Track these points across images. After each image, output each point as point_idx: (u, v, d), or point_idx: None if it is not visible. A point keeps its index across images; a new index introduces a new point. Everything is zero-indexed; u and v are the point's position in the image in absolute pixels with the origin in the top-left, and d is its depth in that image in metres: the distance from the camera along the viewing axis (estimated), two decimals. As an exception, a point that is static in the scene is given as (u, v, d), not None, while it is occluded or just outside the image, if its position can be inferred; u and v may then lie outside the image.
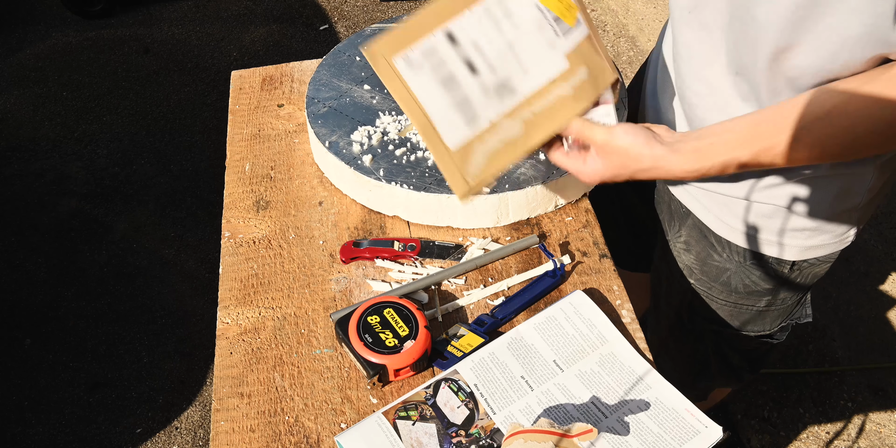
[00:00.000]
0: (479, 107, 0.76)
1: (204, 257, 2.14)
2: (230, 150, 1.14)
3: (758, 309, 1.07)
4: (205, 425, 1.82)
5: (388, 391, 0.86)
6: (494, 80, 0.76)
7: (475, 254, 0.97)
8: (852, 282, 2.04)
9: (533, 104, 0.77)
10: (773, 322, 1.11)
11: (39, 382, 1.89)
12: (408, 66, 0.74)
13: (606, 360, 0.86)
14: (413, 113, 0.75)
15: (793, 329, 1.17)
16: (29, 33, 2.90)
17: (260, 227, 1.03)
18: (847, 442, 1.75)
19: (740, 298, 1.06)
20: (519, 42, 0.76)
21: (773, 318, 1.10)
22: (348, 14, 2.97)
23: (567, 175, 0.98)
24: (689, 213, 1.03)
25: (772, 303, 1.06)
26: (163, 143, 2.47)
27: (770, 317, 1.09)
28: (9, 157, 2.43)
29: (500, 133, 0.77)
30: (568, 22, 0.77)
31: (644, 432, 0.80)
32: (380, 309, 0.87)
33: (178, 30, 2.88)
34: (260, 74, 1.26)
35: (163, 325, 2.00)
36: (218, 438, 0.83)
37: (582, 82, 0.78)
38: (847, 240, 0.96)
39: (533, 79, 0.77)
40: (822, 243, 0.95)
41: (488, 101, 0.76)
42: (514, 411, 0.82)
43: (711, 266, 1.04)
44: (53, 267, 2.13)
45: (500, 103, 0.76)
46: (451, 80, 0.75)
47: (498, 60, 0.76)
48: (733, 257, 1.00)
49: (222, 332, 0.92)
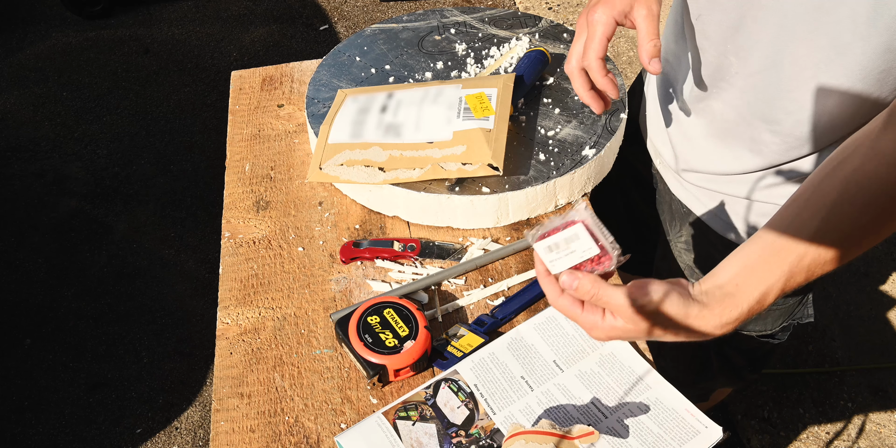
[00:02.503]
0: (366, 130, 1.02)
1: (204, 257, 2.14)
2: (230, 150, 1.14)
3: None
4: (205, 425, 1.82)
5: (388, 391, 0.86)
6: (391, 121, 1.02)
7: (475, 254, 0.97)
8: (852, 282, 2.04)
9: (404, 148, 0.99)
10: (775, 322, 1.11)
11: (39, 382, 1.89)
12: (353, 99, 1.08)
13: (606, 360, 0.86)
14: (329, 116, 1.06)
15: (793, 329, 1.17)
16: (29, 33, 2.90)
17: (260, 227, 1.03)
18: (847, 442, 1.75)
19: None
20: (428, 111, 1.02)
21: (774, 318, 1.10)
22: (348, 14, 2.97)
23: (567, 175, 0.98)
24: (689, 213, 1.03)
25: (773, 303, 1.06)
26: (163, 143, 2.47)
27: (771, 316, 1.09)
28: (9, 157, 2.43)
29: (368, 152, 0.99)
30: (475, 114, 1.00)
31: (644, 432, 0.80)
32: (380, 309, 0.87)
33: (178, 30, 2.88)
34: (260, 75, 1.26)
35: (163, 325, 2.00)
36: (218, 438, 0.83)
37: (453, 154, 0.97)
38: None
39: (417, 134, 1.00)
40: None
41: (376, 131, 1.02)
42: (514, 411, 0.82)
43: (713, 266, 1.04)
44: (53, 267, 2.13)
45: (383, 136, 1.01)
46: (365, 110, 1.05)
47: (404, 113, 1.03)
48: None
49: (222, 333, 0.92)
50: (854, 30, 0.70)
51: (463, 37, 1.20)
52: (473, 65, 1.15)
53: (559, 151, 1.01)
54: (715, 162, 0.95)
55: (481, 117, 1.00)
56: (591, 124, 1.05)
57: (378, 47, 1.19)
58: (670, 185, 1.06)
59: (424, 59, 1.17)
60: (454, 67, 1.15)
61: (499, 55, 1.16)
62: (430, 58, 1.17)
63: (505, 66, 1.14)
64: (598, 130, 1.04)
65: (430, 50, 1.18)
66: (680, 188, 1.03)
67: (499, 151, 0.96)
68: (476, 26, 1.22)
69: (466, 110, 1.01)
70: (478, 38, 1.20)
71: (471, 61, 1.15)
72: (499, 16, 1.24)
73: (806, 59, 0.75)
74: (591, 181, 1.04)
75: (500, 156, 0.96)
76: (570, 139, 1.03)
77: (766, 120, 0.85)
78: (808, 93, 0.78)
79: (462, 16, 1.24)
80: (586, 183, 1.03)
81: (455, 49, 1.18)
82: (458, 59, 1.16)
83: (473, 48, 1.18)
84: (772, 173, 0.89)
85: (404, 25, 1.23)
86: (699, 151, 0.97)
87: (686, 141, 0.98)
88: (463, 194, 0.96)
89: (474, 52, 1.18)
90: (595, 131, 1.03)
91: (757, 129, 0.87)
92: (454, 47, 1.18)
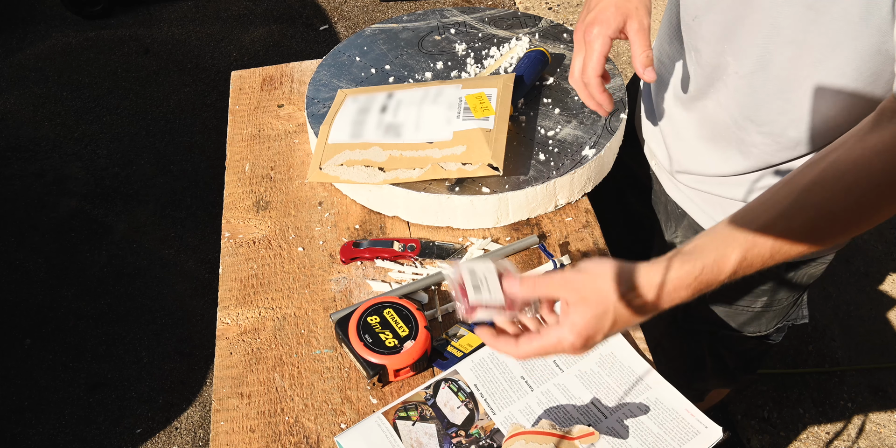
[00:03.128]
0: (366, 130, 1.02)
1: (204, 257, 2.14)
2: (230, 150, 1.14)
3: (754, 310, 1.07)
4: (205, 425, 1.82)
5: (388, 391, 0.86)
6: (391, 121, 1.02)
7: (475, 254, 0.97)
8: (852, 282, 2.04)
9: (404, 148, 0.99)
10: (770, 323, 1.11)
11: (39, 382, 1.89)
12: (352, 99, 1.08)
13: (606, 360, 0.86)
14: (329, 116, 1.06)
15: (792, 329, 1.17)
16: (29, 33, 2.90)
17: (260, 227, 1.03)
18: (847, 442, 1.75)
19: (736, 299, 1.05)
20: (428, 111, 1.02)
21: (769, 319, 1.10)
22: (348, 14, 2.97)
23: (567, 175, 0.98)
24: (684, 215, 1.03)
25: (768, 304, 1.06)
26: (163, 143, 2.47)
27: (766, 318, 1.09)
28: (9, 157, 2.43)
29: (368, 152, 0.99)
30: (475, 114, 1.00)
31: (644, 433, 0.80)
32: (380, 309, 0.87)
33: (178, 30, 2.88)
34: (260, 75, 1.26)
35: (163, 325, 2.00)
36: (218, 438, 0.83)
37: (453, 154, 0.97)
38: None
39: (417, 134, 1.00)
40: None
41: (376, 131, 1.02)
42: (514, 412, 0.82)
43: None
44: (53, 267, 2.13)
45: (383, 136, 1.01)
46: (365, 110, 1.05)
47: (404, 113, 1.03)
48: None
49: (222, 333, 0.92)
50: (846, 29, 0.70)
51: (463, 37, 1.20)
52: (473, 65, 1.15)
53: (559, 151, 1.01)
54: (706, 163, 0.95)
55: (481, 117, 1.00)
56: (591, 124, 1.05)
57: (378, 47, 1.19)
58: (665, 186, 1.06)
59: (424, 59, 1.17)
60: (454, 67, 1.15)
61: (499, 55, 1.16)
62: (430, 58, 1.17)
63: (505, 66, 1.14)
64: (598, 130, 1.04)
65: (430, 50, 1.18)
66: (675, 189, 1.03)
67: (499, 151, 0.96)
68: (476, 26, 1.22)
69: (466, 110, 1.01)
70: (478, 38, 1.20)
71: (471, 61, 1.15)
72: (499, 16, 1.24)
73: (799, 59, 0.76)
74: (591, 181, 1.04)
75: (500, 156, 0.96)
76: (570, 139, 1.03)
77: (757, 121, 0.85)
78: (801, 93, 0.79)
79: (462, 16, 1.24)
80: (586, 183, 1.03)
81: (455, 49, 1.18)
82: (458, 60, 1.16)
83: (473, 48, 1.18)
84: (766, 176, 0.89)
85: (404, 25, 1.23)
86: (691, 153, 0.97)
87: (679, 142, 0.99)
88: (463, 194, 0.96)
89: (474, 52, 1.18)
90: (595, 131, 1.03)
91: (746, 130, 0.87)
92: (454, 47, 1.18)
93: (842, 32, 0.71)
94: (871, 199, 0.63)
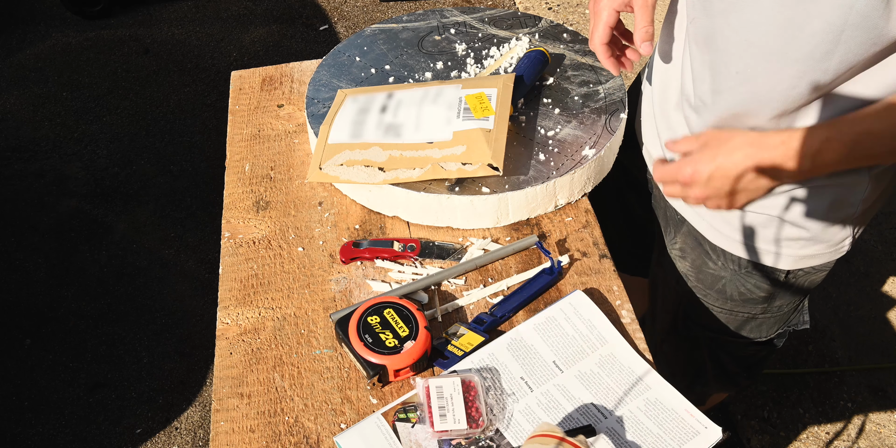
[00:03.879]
0: (366, 130, 1.02)
1: (204, 257, 2.14)
2: (230, 150, 1.14)
3: (754, 316, 1.07)
4: (205, 425, 1.82)
5: (388, 391, 0.86)
6: (391, 121, 1.03)
7: (475, 254, 0.97)
8: (852, 282, 2.04)
9: (404, 148, 0.99)
10: (770, 329, 1.11)
11: (39, 382, 1.89)
12: (352, 99, 1.09)
13: (606, 360, 0.86)
14: (329, 116, 1.07)
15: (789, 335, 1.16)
16: (29, 33, 2.90)
17: (260, 227, 1.03)
18: (847, 442, 1.75)
19: (736, 306, 1.05)
20: (428, 111, 1.03)
21: (769, 326, 1.10)
22: (348, 14, 2.97)
23: (567, 175, 0.98)
24: (683, 221, 1.03)
25: (768, 310, 1.06)
26: (163, 143, 2.47)
27: (767, 324, 1.09)
28: (9, 157, 2.43)
29: (368, 152, 1.00)
30: (475, 114, 1.00)
31: (644, 433, 0.80)
32: (380, 309, 0.87)
33: (178, 30, 2.88)
34: (260, 75, 1.26)
35: (163, 325, 2.00)
36: (218, 438, 0.83)
37: (453, 154, 0.97)
38: (842, 249, 0.96)
39: (417, 134, 1.00)
40: (817, 253, 0.95)
41: (376, 131, 1.02)
42: (514, 412, 0.82)
43: (707, 274, 1.04)
44: (53, 267, 2.13)
45: (383, 136, 1.01)
46: (365, 110, 1.05)
47: (403, 113, 1.03)
48: (728, 265, 1.00)
49: (222, 333, 0.92)
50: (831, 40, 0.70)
51: (463, 37, 1.20)
52: (473, 65, 1.15)
53: (559, 151, 1.01)
54: None
55: (481, 117, 1.00)
56: (590, 124, 1.05)
57: (378, 47, 1.19)
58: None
59: (424, 59, 1.17)
60: (454, 67, 1.15)
61: (499, 55, 1.16)
62: (430, 58, 1.17)
63: (505, 66, 1.14)
64: (597, 130, 1.04)
65: (430, 50, 1.18)
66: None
67: (499, 151, 0.96)
68: (476, 26, 1.22)
69: (466, 110, 1.01)
70: (478, 39, 1.20)
71: (471, 61, 1.15)
72: (499, 16, 1.24)
73: (781, 72, 0.76)
74: (591, 181, 1.04)
75: (500, 156, 0.96)
76: (570, 139, 1.03)
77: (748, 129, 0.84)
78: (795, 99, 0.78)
79: (462, 16, 1.24)
80: (586, 183, 1.03)
81: (455, 49, 1.18)
82: (458, 60, 1.16)
83: (473, 48, 1.18)
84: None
85: (404, 25, 1.23)
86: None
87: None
88: (463, 194, 0.96)
89: (474, 52, 1.18)
90: (595, 131, 1.03)
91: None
92: (454, 47, 1.18)
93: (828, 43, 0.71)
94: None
